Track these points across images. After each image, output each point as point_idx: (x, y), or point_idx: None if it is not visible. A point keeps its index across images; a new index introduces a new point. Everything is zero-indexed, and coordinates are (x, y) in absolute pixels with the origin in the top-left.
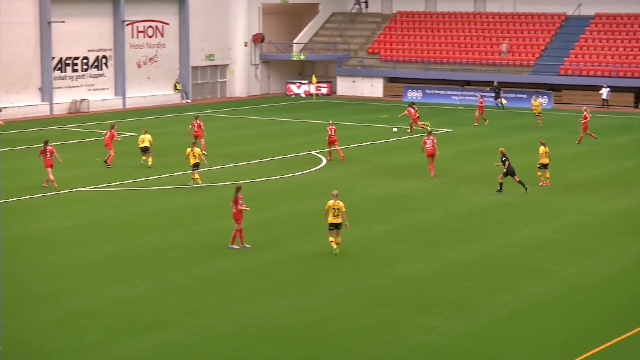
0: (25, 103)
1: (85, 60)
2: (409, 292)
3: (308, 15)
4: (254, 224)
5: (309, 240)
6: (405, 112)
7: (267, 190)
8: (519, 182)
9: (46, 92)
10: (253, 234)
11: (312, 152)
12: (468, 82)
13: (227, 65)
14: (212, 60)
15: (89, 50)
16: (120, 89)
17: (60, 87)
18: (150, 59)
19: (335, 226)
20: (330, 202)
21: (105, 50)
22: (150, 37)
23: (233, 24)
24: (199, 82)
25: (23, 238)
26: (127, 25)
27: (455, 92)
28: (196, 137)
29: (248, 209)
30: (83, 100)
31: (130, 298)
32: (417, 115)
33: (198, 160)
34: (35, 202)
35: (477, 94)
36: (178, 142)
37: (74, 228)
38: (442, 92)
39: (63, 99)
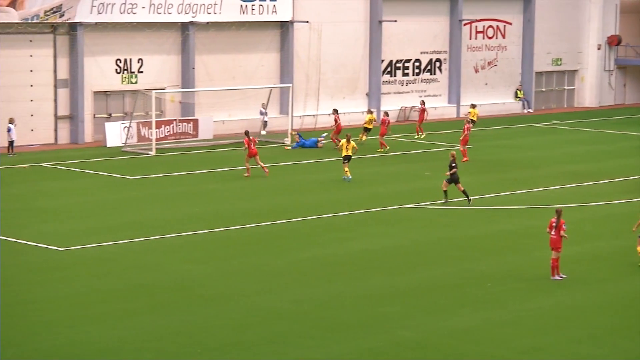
0: (351, 110)
1: (417, 64)
2: None
3: None
4: (598, 253)
5: None
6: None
7: (619, 214)
8: (463, 191)
9: (373, 98)
10: (598, 263)
11: None
12: None
13: (577, 71)
14: (559, 65)
15: (421, 53)
16: (454, 95)
17: (388, 93)
18: (489, 63)
19: None
20: None
21: (440, 52)
22: (490, 38)
23: (585, 24)
24: (543, 89)
25: (342, 257)
26: (465, 25)
27: None
28: (383, 135)
29: (567, 236)
30: (413, 107)
31: (457, 330)
32: None
33: (351, 154)
34: (358, 218)
35: None
36: (517, 157)
37: (398, 248)
38: None
39: (391, 105)
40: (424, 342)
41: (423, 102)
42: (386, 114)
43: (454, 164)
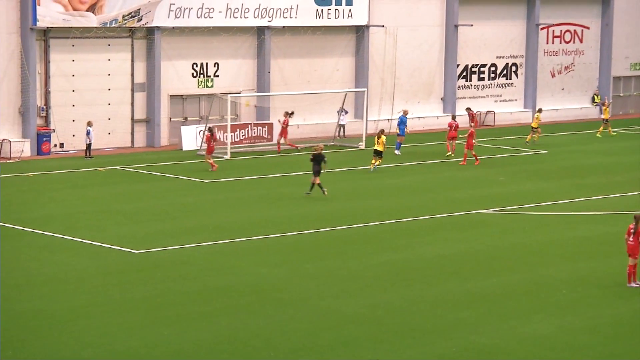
0: (426, 114)
1: (492, 68)
2: None
3: None
4: None
5: None
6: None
7: None
8: (319, 184)
9: (448, 102)
10: None
11: None
12: None
13: None
14: (638, 69)
15: (497, 57)
16: (530, 100)
17: (464, 97)
18: (566, 68)
19: None
20: None
21: (516, 57)
22: (567, 42)
23: None
24: (621, 94)
25: (416, 262)
26: (542, 29)
27: None
28: (452, 138)
29: None
30: (488, 112)
31: (531, 336)
32: None
33: (381, 149)
34: (433, 222)
35: None
36: (594, 162)
37: (472, 254)
38: None
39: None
40: (497, 348)
41: (470, 110)
42: (453, 117)
43: (319, 158)
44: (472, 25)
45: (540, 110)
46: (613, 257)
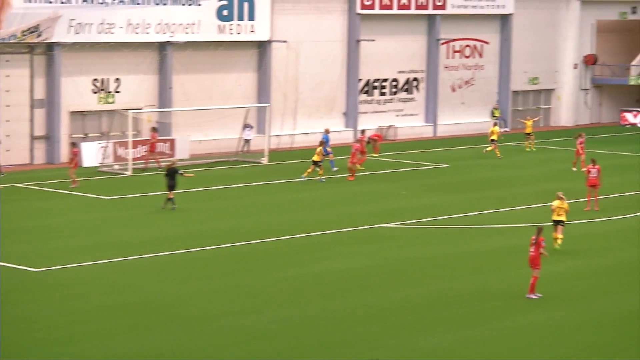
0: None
1: (394, 83)
2: None
3: None
4: (577, 271)
5: (630, 294)
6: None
7: (594, 234)
8: (171, 199)
9: (350, 117)
10: (577, 282)
11: None
12: None
13: (553, 90)
14: (536, 84)
15: (398, 72)
16: (431, 114)
17: (365, 112)
18: (466, 82)
19: (558, 222)
20: (557, 202)
21: (417, 72)
22: (467, 57)
23: (561, 43)
24: (520, 108)
25: (320, 277)
26: (442, 44)
27: None
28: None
29: (546, 253)
30: (390, 126)
31: (434, 350)
32: None
33: (317, 159)
34: (335, 237)
35: None
36: (494, 175)
37: (375, 268)
38: None
39: (368, 125)
40: None
41: (363, 132)
42: (362, 132)
43: (173, 172)
44: (374, 40)
45: (495, 124)
46: (513, 269)
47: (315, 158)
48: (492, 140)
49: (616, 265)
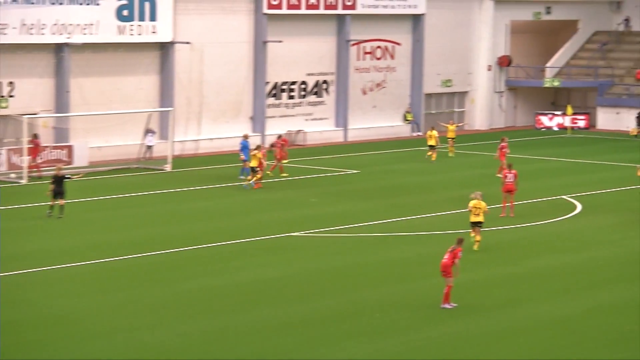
0: (235, 134)
1: (303, 86)
2: None
3: (564, 34)
4: (492, 280)
5: (554, 301)
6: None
7: (509, 241)
8: (62, 207)
9: (258, 121)
10: (492, 290)
11: (565, 197)
12: None
13: (467, 92)
14: (449, 86)
15: (307, 74)
16: (341, 118)
17: (273, 117)
18: (378, 85)
19: (476, 224)
20: (474, 202)
21: (326, 74)
22: (378, 59)
23: (475, 44)
24: (433, 111)
25: (228, 288)
26: (353, 45)
27: None
28: (282, 158)
29: (458, 267)
30: (299, 131)
31: None
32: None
33: (255, 164)
34: (243, 247)
35: None
36: (407, 181)
37: (286, 278)
38: None
39: (276, 129)
40: None
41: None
42: (279, 137)
43: (60, 180)
44: (281, 41)
45: (433, 128)
46: (427, 278)
47: (253, 163)
48: (431, 146)
49: (531, 272)
